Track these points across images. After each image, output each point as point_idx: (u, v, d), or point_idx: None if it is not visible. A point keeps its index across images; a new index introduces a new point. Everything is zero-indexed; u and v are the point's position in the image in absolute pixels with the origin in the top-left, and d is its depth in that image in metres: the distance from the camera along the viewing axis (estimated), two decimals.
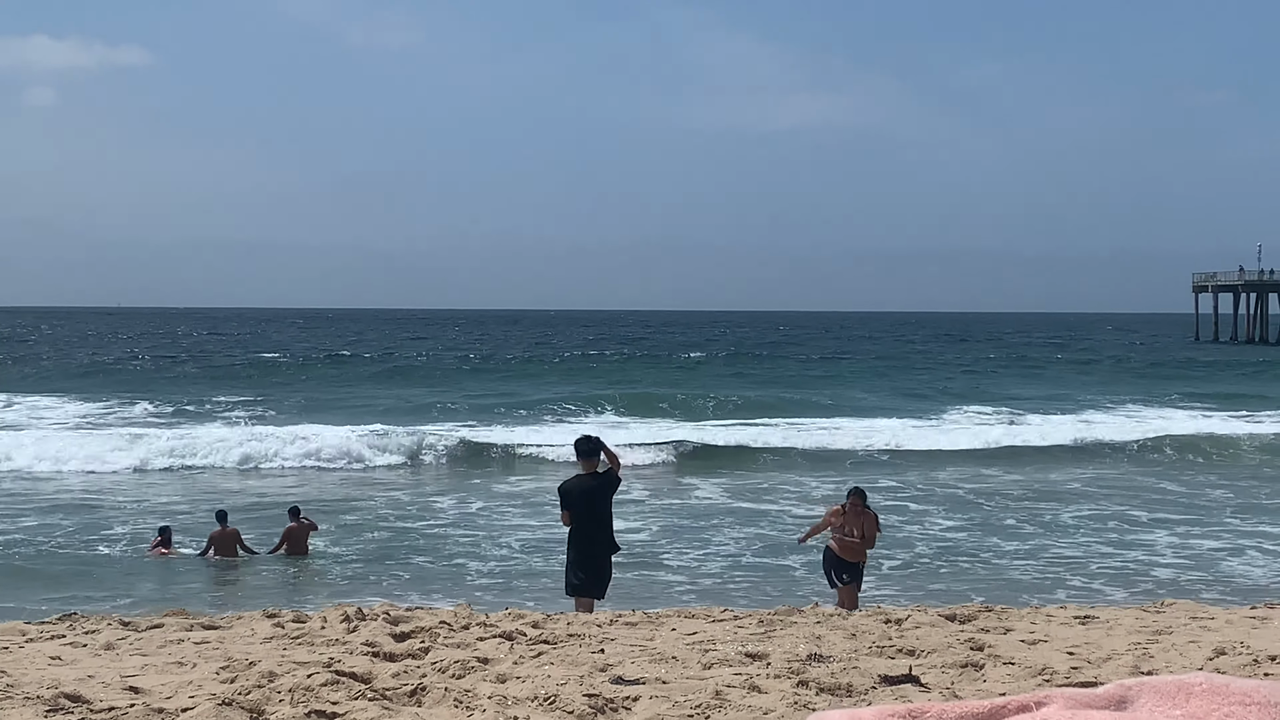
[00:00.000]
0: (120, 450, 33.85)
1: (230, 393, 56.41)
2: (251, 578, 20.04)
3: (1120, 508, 27.71)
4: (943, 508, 27.67)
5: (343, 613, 12.45)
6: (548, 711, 7.83)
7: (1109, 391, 60.77)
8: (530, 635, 11.27)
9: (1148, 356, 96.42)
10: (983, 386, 63.94)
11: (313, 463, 33.93)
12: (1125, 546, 22.94)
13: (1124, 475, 33.64)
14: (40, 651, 10.73)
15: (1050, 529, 24.93)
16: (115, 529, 24.28)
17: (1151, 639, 11.38)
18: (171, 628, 12.16)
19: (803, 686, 8.70)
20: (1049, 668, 9.69)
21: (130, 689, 8.70)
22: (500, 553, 21.89)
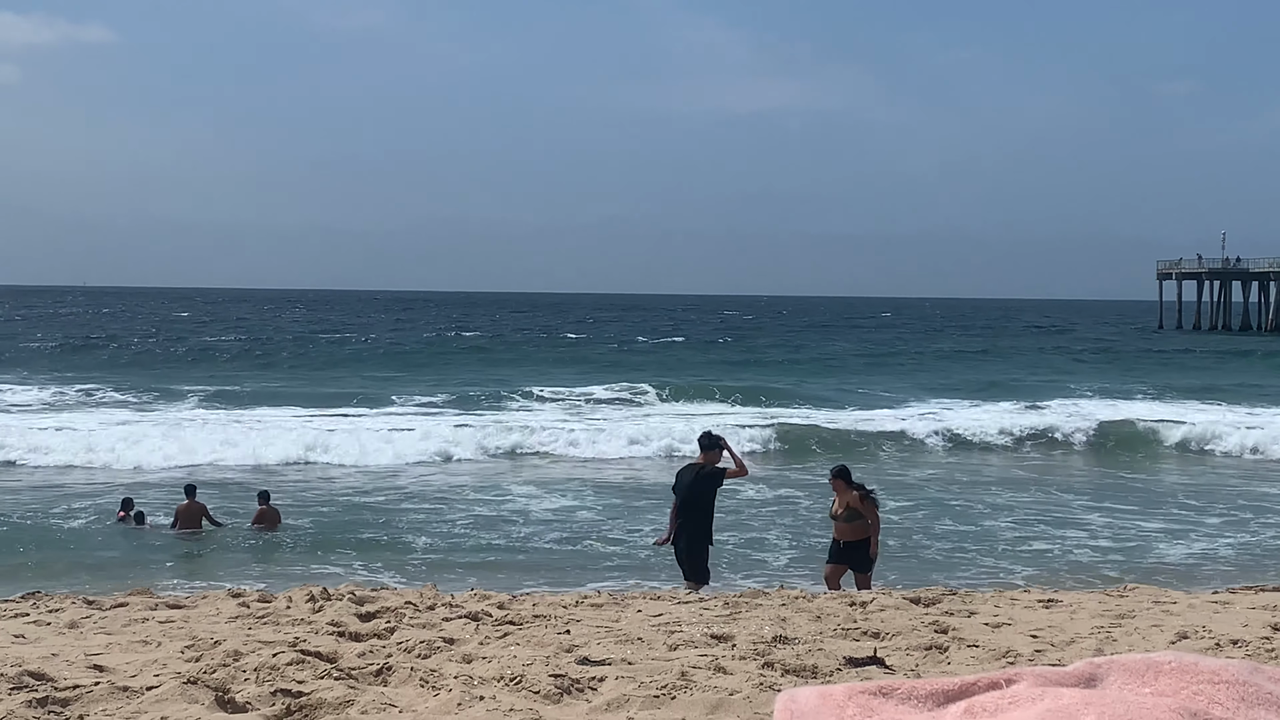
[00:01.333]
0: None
1: (350, 382, 54.02)
2: (219, 553, 19.94)
3: (1060, 494, 27.90)
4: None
5: (308, 593, 12.43)
6: (514, 691, 7.83)
7: (1075, 379, 60.60)
8: (496, 616, 11.27)
9: (1112, 343, 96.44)
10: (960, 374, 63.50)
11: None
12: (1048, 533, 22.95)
13: (1061, 463, 33.79)
14: (3, 630, 10.68)
15: (982, 515, 24.99)
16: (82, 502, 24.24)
17: (1114, 623, 11.45)
18: (136, 606, 12.11)
19: (768, 668, 8.72)
20: (1013, 650, 9.74)
21: (95, 667, 8.66)
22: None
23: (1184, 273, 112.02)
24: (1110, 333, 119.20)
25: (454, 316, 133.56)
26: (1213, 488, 29.11)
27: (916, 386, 54.82)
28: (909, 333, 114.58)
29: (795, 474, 30.35)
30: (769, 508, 24.95)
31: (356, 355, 73.04)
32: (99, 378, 52.41)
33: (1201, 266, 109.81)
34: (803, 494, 26.86)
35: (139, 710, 7.26)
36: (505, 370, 61.45)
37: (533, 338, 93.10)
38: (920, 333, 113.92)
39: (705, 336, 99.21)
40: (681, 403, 46.71)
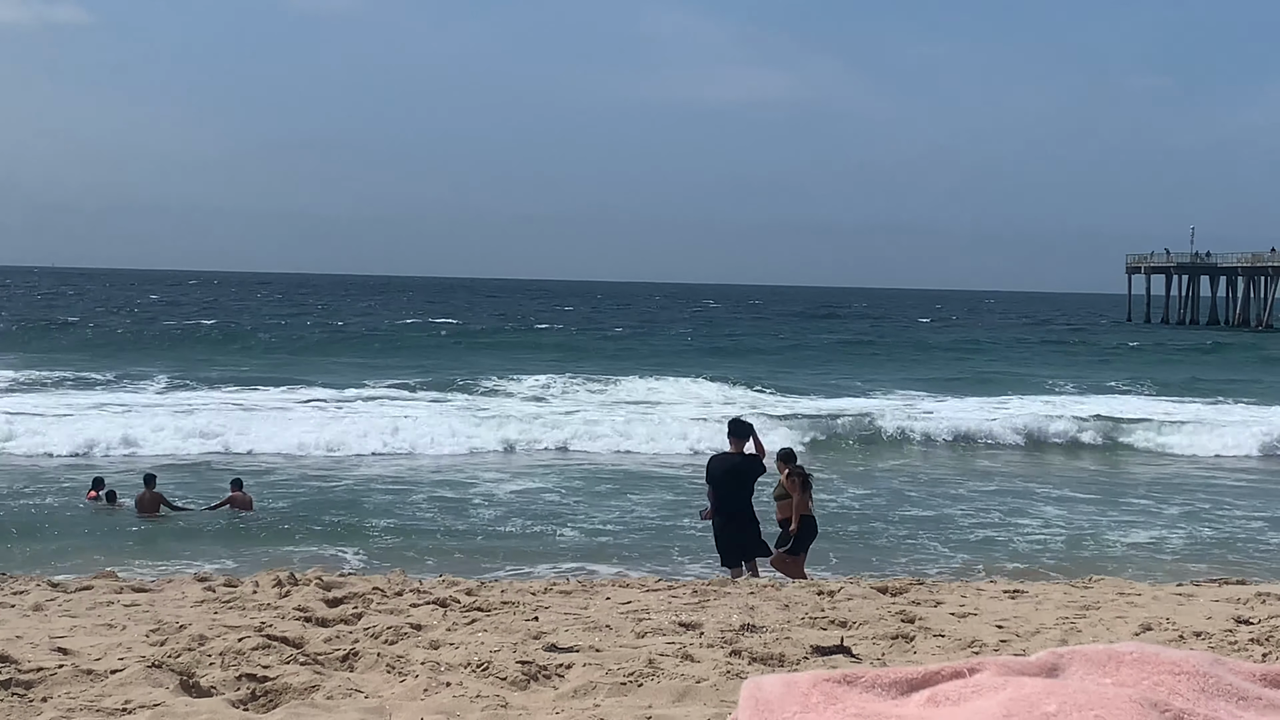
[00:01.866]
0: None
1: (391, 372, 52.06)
2: (186, 537, 19.83)
3: (1026, 485, 27.94)
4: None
5: (275, 578, 12.40)
6: (480, 678, 7.83)
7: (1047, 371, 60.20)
8: (464, 602, 11.26)
9: (1085, 335, 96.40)
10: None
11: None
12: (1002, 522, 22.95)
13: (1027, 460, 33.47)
14: None
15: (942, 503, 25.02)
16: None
17: (1079, 614, 11.51)
18: (101, 590, 12.06)
19: (735, 656, 8.75)
20: (978, 640, 9.79)
21: (59, 650, 8.63)
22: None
23: (1153, 267, 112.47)
24: (1081, 324, 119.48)
25: (430, 303, 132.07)
26: (1175, 481, 29.16)
27: (890, 377, 54.48)
28: (884, 323, 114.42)
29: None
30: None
31: (359, 339, 72.24)
32: (86, 362, 51.32)
33: (1170, 261, 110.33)
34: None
35: (103, 693, 7.23)
36: (482, 357, 60.67)
37: (510, 325, 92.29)
38: (896, 323, 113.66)
39: (683, 326, 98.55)
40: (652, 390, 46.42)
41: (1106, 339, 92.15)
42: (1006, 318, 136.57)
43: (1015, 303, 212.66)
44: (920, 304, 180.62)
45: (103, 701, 7.05)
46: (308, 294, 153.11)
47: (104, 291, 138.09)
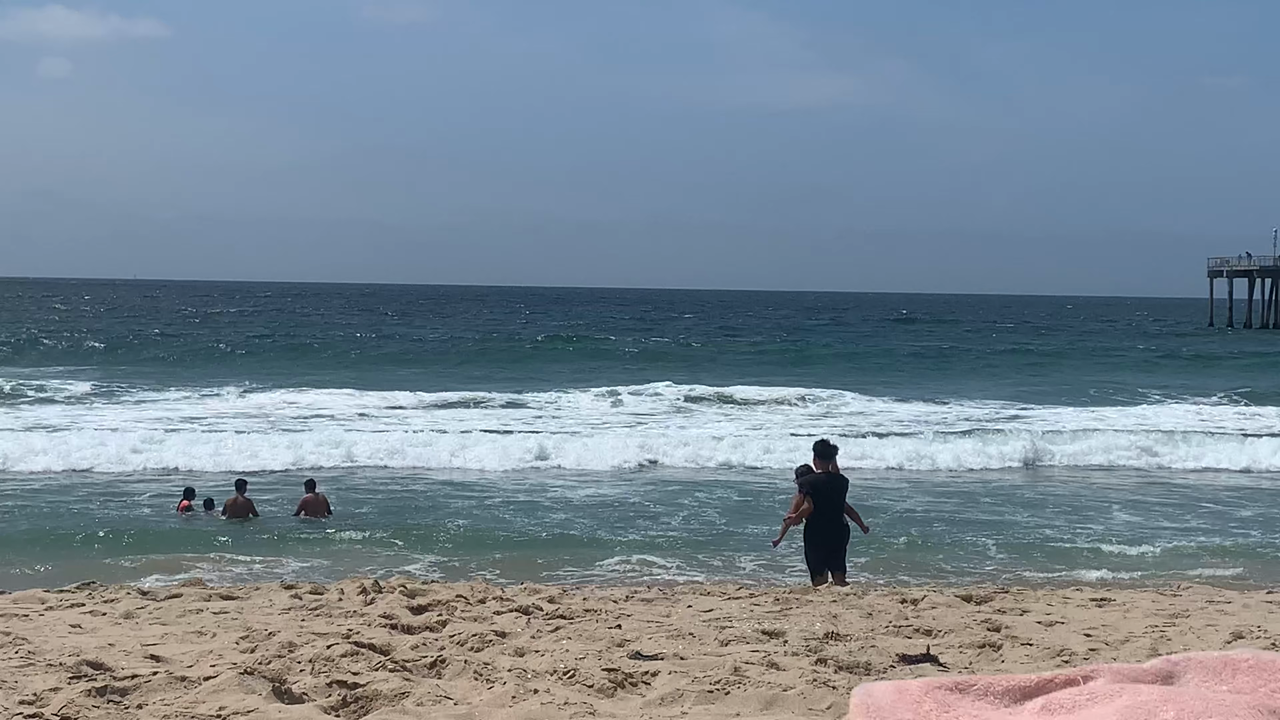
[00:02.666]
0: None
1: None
2: (271, 541, 20.00)
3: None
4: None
5: (359, 585, 12.49)
6: (567, 685, 7.86)
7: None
8: (547, 610, 11.30)
9: (1170, 342, 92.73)
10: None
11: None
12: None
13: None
14: (60, 619, 10.79)
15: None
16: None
17: (1169, 622, 11.39)
18: (190, 597, 12.20)
19: (821, 664, 8.71)
20: (1067, 649, 9.70)
21: (152, 657, 8.74)
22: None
23: (1235, 270, 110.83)
24: (1164, 330, 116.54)
25: (530, 312, 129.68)
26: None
27: (983, 389, 51.89)
28: (966, 330, 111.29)
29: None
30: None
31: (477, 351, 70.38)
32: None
33: (1253, 264, 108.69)
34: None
35: (197, 700, 7.32)
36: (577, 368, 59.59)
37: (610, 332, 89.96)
38: (976, 330, 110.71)
39: (814, 335, 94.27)
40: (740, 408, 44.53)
41: (1211, 346, 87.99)
42: (1095, 323, 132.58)
43: (1094, 307, 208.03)
44: (1000, 310, 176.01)
45: (197, 708, 7.14)
46: (396, 303, 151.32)
47: (192, 303, 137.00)
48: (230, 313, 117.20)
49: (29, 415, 37.33)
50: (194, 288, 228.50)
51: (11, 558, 18.11)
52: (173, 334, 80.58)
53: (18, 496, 24.31)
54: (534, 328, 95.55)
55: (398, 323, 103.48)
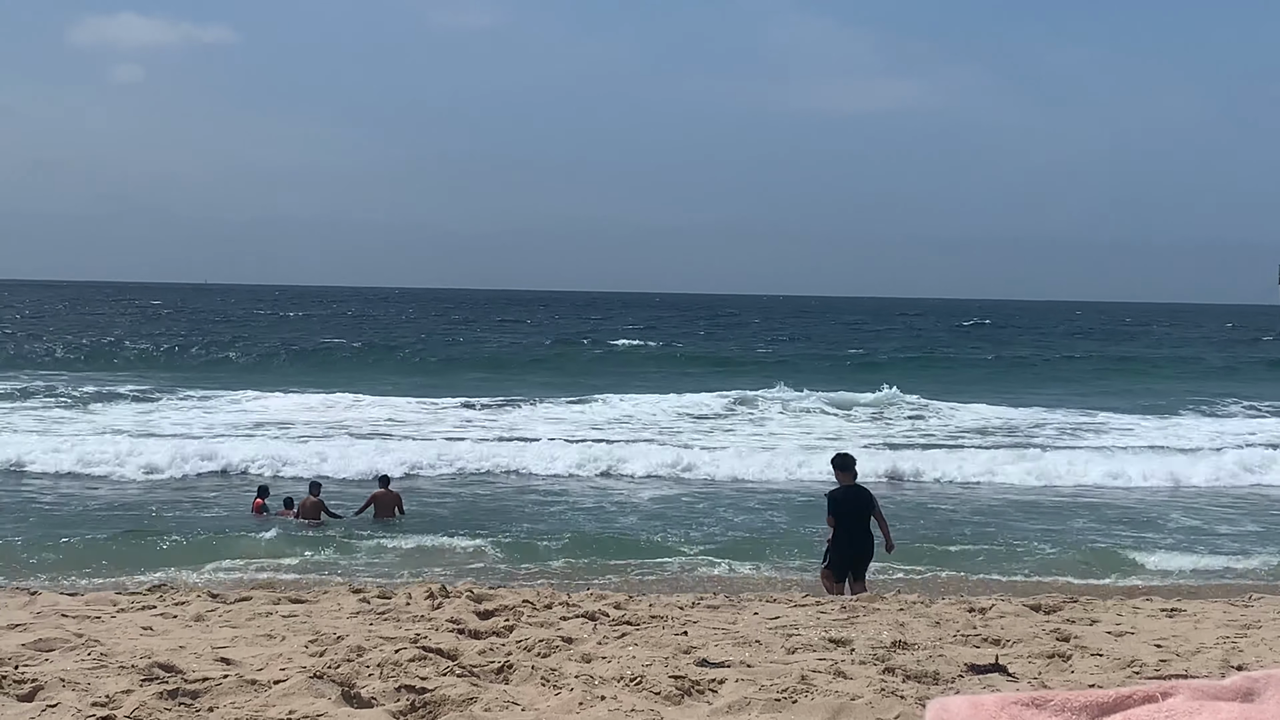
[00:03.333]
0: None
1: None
2: (339, 544, 20.10)
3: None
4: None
5: (427, 589, 12.56)
6: (634, 692, 7.86)
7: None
8: (613, 616, 11.31)
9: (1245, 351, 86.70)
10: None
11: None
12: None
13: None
14: (132, 622, 10.92)
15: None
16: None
17: (1240, 633, 11.25)
18: (259, 600, 12.32)
19: (889, 673, 8.67)
20: (1137, 660, 9.60)
21: (222, 660, 8.82)
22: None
23: None
24: (1240, 337, 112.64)
25: (600, 318, 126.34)
26: None
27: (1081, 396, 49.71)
28: (1043, 336, 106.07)
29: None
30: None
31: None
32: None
33: None
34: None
35: (267, 703, 7.38)
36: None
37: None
38: (1057, 336, 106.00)
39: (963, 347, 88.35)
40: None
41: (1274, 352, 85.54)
42: (1179, 330, 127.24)
43: (1163, 315, 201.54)
44: (1076, 317, 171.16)
45: (267, 712, 7.20)
46: (474, 308, 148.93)
47: (282, 307, 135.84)
48: (314, 315, 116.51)
49: (135, 417, 37.75)
50: (266, 291, 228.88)
51: (95, 558, 18.30)
52: (274, 337, 79.89)
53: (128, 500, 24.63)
54: (623, 334, 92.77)
55: (493, 327, 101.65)
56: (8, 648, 9.06)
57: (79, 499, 24.65)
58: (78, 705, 7.33)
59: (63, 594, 13.41)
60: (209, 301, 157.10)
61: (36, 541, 19.48)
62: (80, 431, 33.14)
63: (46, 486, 26.11)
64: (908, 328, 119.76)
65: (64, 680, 7.94)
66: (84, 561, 18.03)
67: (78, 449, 29.14)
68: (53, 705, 7.36)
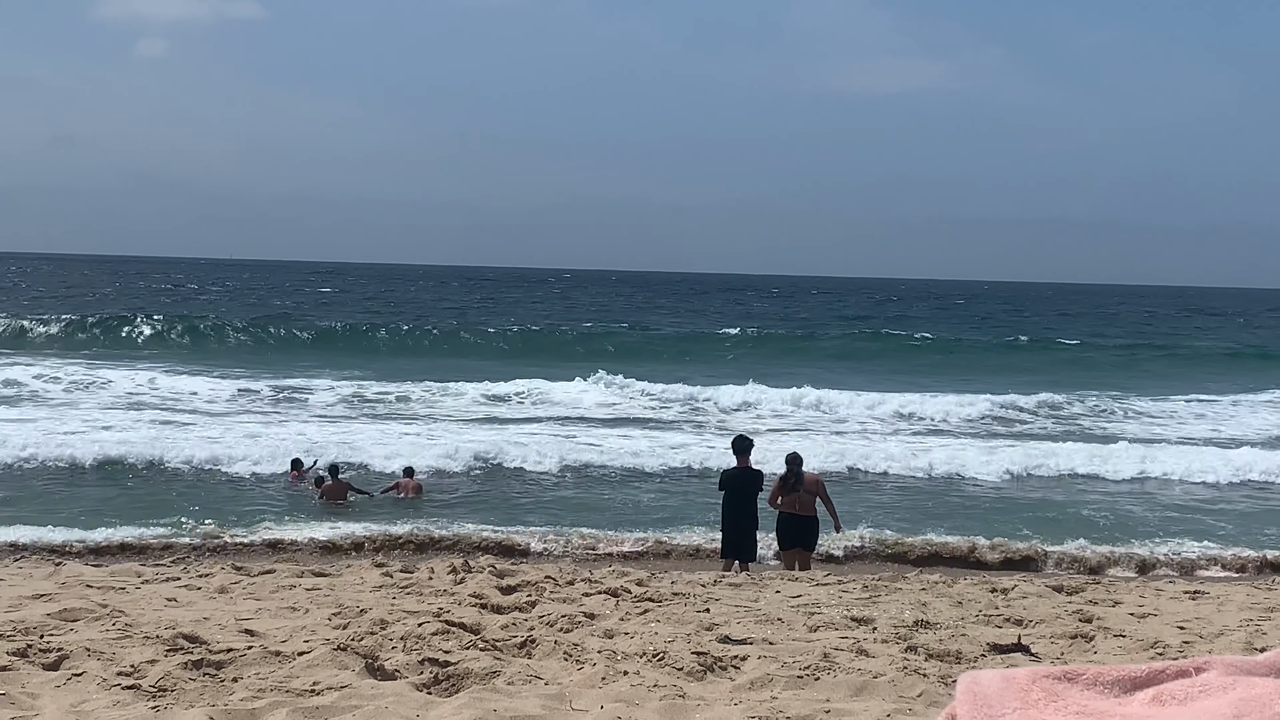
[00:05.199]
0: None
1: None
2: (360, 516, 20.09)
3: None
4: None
5: (449, 565, 12.58)
6: (657, 667, 7.87)
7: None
8: (635, 593, 11.32)
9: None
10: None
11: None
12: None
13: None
14: (156, 593, 10.97)
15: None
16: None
17: (1264, 615, 11.21)
18: (283, 573, 12.36)
19: (911, 652, 8.67)
20: (1160, 641, 9.58)
21: (246, 631, 8.86)
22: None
23: None
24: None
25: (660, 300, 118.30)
26: None
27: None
28: (1078, 319, 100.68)
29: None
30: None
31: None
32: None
33: None
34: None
35: (291, 674, 7.41)
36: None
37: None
38: (1097, 319, 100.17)
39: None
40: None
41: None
42: (1210, 317, 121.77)
43: (1193, 299, 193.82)
44: (1109, 300, 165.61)
45: (291, 682, 7.22)
46: (520, 287, 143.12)
47: (342, 284, 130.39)
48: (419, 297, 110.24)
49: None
50: (295, 268, 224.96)
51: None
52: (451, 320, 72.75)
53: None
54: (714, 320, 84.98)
55: (576, 309, 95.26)
56: (33, 617, 9.11)
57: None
58: (103, 674, 7.37)
59: (87, 565, 13.49)
60: (284, 277, 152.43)
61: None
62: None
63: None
64: (936, 306, 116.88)
65: (89, 650, 7.99)
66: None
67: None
68: (78, 674, 7.40)
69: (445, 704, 6.87)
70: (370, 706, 6.67)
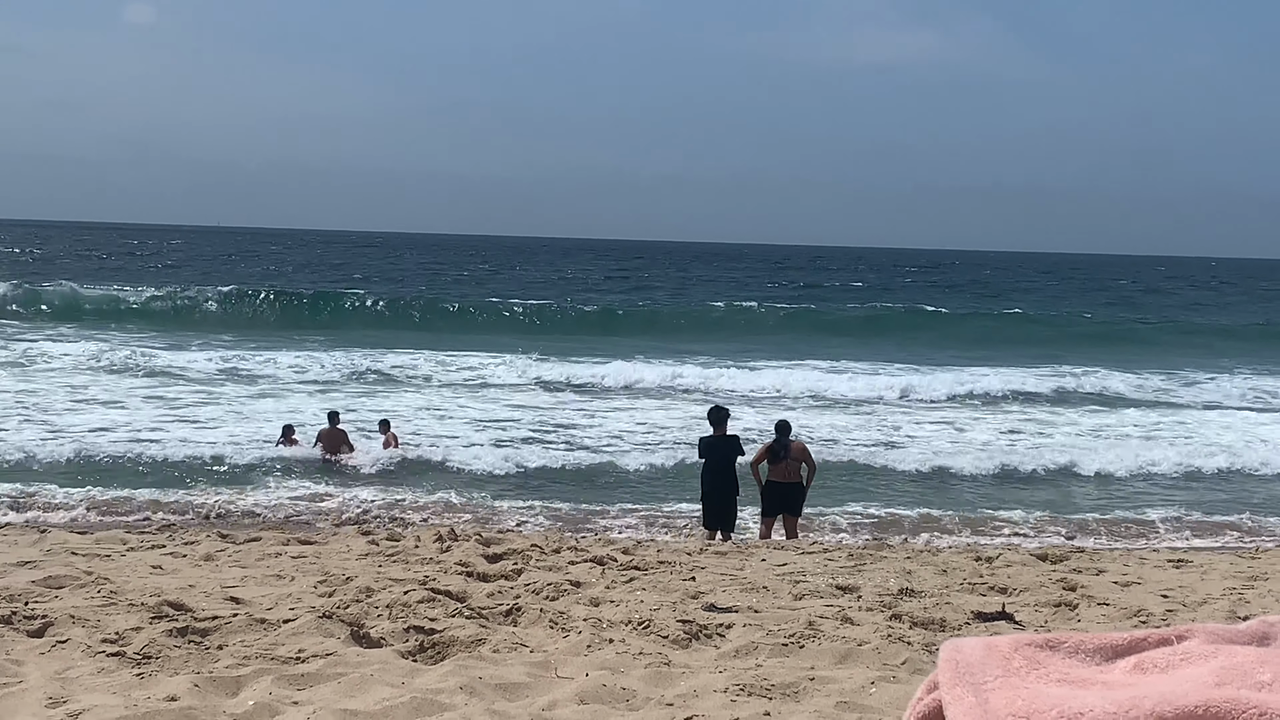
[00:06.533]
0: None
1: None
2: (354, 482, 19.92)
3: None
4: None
5: (435, 533, 12.59)
6: (642, 635, 7.88)
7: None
8: (621, 561, 11.33)
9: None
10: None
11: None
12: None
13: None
14: (142, 560, 10.96)
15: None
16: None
17: (1246, 584, 11.25)
18: (269, 541, 12.35)
19: (895, 620, 8.69)
20: (1144, 610, 9.61)
21: (231, 599, 8.86)
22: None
23: None
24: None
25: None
26: None
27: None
28: (1077, 290, 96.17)
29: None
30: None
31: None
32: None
33: None
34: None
35: (277, 642, 7.41)
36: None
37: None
38: (1105, 293, 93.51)
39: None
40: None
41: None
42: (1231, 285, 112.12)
43: (1189, 269, 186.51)
44: (1106, 271, 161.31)
45: (277, 650, 7.23)
46: (545, 254, 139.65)
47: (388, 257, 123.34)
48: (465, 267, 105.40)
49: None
50: (291, 236, 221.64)
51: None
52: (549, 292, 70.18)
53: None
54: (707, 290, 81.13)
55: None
56: (18, 584, 9.10)
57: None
58: (87, 641, 7.37)
59: (73, 532, 13.46)
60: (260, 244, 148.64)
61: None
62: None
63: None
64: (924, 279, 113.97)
65: (74, 617, 7.98)
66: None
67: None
68: (62, 641, 7.40)
69: (431, 672, 6.88)
70: (355, 674, 6.67)
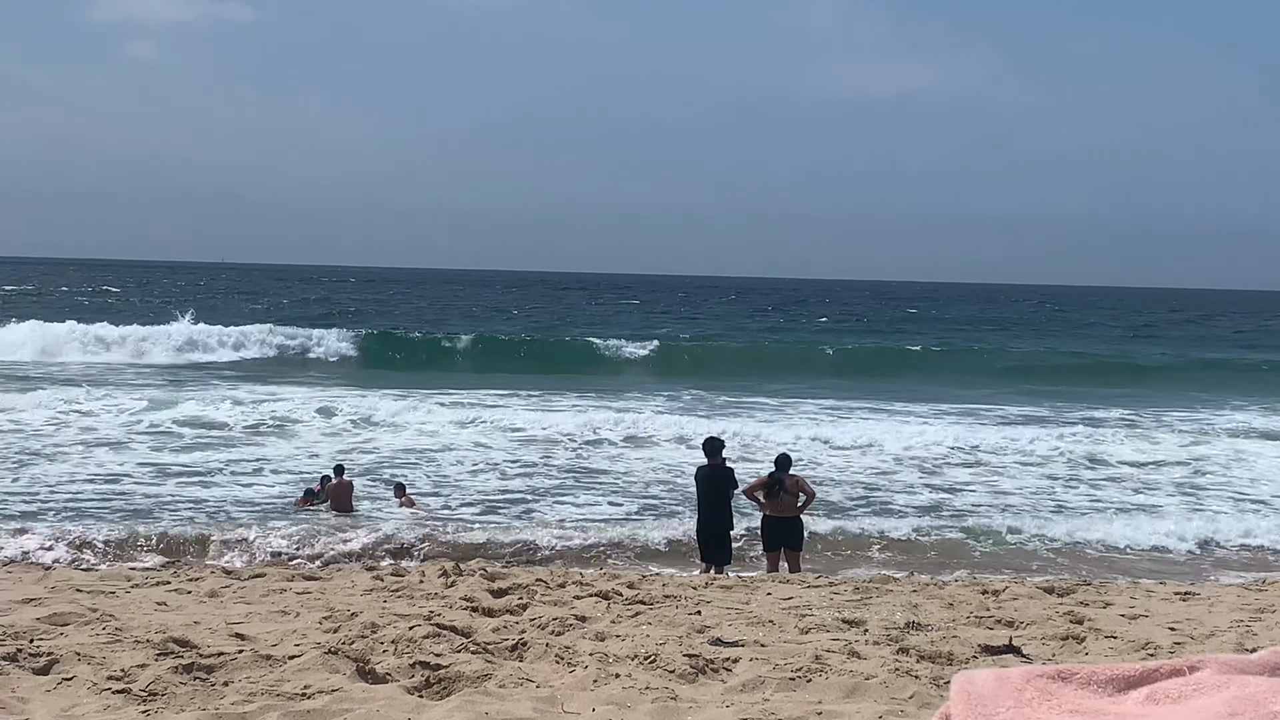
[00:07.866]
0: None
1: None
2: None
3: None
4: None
5: (440, 568, 12.58)
6: (649, 670, 7.86)
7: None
8: (626, 595, 11.32)
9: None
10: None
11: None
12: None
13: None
14: (146, 597, 10.94)
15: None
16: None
17: (1254, 617, 11.23)
18: (273, 577, 12.34)
19: (903, 654, 8.67)
20: (1151, 642, 9.58)
21: (236, 635, 8.84)
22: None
23: None
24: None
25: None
26: None
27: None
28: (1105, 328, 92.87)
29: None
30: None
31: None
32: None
33: None
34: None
35: (282, 678, 7.39)
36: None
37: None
38: (1119, 327, 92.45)
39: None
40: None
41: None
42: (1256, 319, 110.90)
43: (1189, 300, 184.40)
44: (1114, 302, 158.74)
45: (282, 686, 7.21)
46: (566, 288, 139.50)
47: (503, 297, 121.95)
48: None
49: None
50: (308, 271, 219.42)
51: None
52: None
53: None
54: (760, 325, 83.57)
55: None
56: (23, 622, 9.09)
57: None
58: (93, 679, 7.35)
59: (77, 569, 13.46)
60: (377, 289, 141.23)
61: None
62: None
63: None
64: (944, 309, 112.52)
65: (79, 654, 7.97)
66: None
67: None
68: (68, 679, 7.39)
69: (437, 707, 6.87)
70: (361, 710, 6.66)
